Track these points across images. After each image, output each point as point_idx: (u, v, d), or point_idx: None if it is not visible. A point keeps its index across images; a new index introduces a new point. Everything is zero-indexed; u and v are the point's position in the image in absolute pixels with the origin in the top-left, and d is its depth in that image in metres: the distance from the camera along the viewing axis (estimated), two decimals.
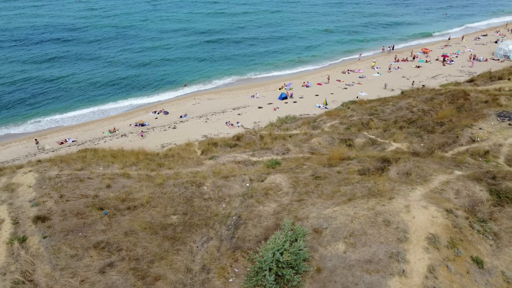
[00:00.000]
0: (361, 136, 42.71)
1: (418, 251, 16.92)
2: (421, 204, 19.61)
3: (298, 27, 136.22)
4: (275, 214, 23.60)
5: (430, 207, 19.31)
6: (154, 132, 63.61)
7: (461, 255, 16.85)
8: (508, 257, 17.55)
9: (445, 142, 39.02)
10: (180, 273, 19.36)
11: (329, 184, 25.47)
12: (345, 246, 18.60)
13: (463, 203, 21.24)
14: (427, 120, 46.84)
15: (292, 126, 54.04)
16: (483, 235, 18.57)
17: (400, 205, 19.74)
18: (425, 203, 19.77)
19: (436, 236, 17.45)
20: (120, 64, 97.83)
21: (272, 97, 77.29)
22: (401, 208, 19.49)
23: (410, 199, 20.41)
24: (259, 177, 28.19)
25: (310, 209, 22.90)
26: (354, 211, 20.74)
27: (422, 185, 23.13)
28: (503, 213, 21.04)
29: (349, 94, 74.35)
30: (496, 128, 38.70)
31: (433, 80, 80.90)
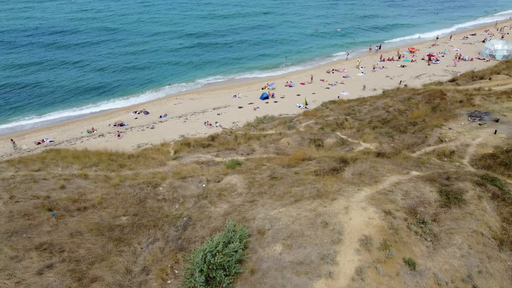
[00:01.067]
0: (332, 136, 42.72)
1: (349, 252, 16.92)
2: (361, 205, 19.63)
3: (288, 27, 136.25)
4: (225, 215, 23.57)
5: (369, 208, 19.33)
6: (131, 132, 63.50)
7: (392, 256, 16.85)
8: (442, 259, 17.58)
9: (414, 142, 39.11)
10: (119, 275, 19.28)
11: (283, 185, 25.47)
12: (282, 247, 18.59)
13: (408, 204, 21.26)
14: (401, 120, 46.95)
15: (269, 126, 54.06)
16: (421, 237, 18.59)
17: (340, 206, 19.76)
18: (366, 204, 19.79)
19: (369, 238, 17.46)
20: (106, 66, 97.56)
21: (254, 97, 77.33)
22: (341, 209, 19.51)
23: (352, 200, 20.43)
24: (216, 178, 28.20)
25: (259, 210, 22.88)
26: (297, 212, 20.74)
27: (370, 186, 23.15)
28: (448, 214, 21.08)
29: (331, 94, 74.42)
30: (466, 128, 38.80)
31: (416, 79, 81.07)
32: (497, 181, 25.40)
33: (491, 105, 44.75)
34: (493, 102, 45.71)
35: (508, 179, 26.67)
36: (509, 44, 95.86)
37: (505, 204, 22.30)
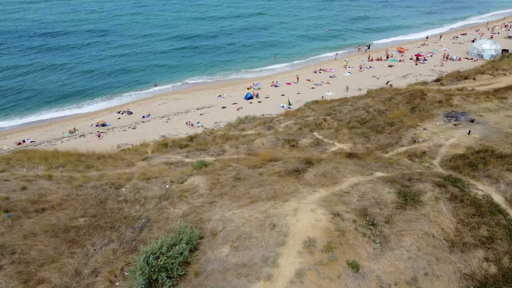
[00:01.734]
0: (308, 137, 42.68)
1: (291, 255, 16.85)
2: (311, 207, 19.56)
3: (279, 28, 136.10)
4: (183, 217, 23.49)
5: (318, 210, 19.26)
6: (112, 133, 63.34)
7: (335, 259, 16.79)
8: (388, 261, 17.52)
9: (389, 142, 39.14)
10: (67, 277, 19.16)
11: (244, 186, 25.40)
12: (230, 249, 18.51)
13: (362, 205, 21.22)
14: (379, 120, 46.94)
15: (249, 126, 53.98)
16: (369, 239, 18.54)
17: (290, 208, 19.70)
18: (316, 206, 19.73)
19: (313, 240, 17.39)
20: (93, 67, 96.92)
21: (239, 97, 77.30)
22: (290, 211, 19.46)
23: (303, 202, 20.37)
24: (181, 179, 28.11)
25: (216, 211, 22.81)
26: (250, 214, 20.67)
27: (327, 187, 23.11)
28: (402, 215, 21.04)
29: (316, 94, 74.42)
30: (441, 129, 38.81)
31: (402, 79, 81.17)
32: (459, 183, 25.41)
33: (469, 106, 44.78)
34: (471, 102, 45.74)
35: (472, 180, 26.67)
36: (497, 44, 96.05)
37: (463, 206, 22.28)
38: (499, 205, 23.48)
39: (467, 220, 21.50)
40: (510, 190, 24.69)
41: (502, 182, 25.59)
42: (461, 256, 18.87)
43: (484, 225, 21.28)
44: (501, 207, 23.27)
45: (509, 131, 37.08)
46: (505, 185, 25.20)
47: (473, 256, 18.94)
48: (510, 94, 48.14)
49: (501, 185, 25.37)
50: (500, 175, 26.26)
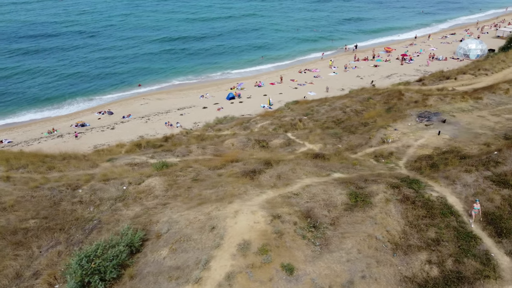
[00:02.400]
0: (281, 137, 42.59)
1: (224, 257, 16.73)
2: (252, 209, 19.45)
3: (270, 29, 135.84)
4: (134, 218, 23.36)
5: (259, 212, 19.16)
6: (91, 133, 63.10)
7: (269, 261, 16.69)
8: (325, 264, 17.43)
9: (360, 143, 39.04)
10: (7, 279, 18.96)
11: (199, 188, 25.29)
12: (168, 251, 18.41)
13: (308, 207, 21.13)
14: (354, 120, 46.92)
15: (226, 127, 53.88)
16: (309, 241, 18.45)
17: (232, 210, 19.60)
18: (258, 208, 19.62)
19: (248, 243, 17.29)
20: (80, 68, 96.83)
21: (222, 97, 77.16)
22: (232, 213, 19.35)
23: (247, 204, 20.26)
24: (139, 180, 27.94)
25: (167, 213, 22.68)
26: (195, 216, 20.56)
27: (278, 188, 23.00)
28: (348, 217, 20.99)
29: (298, 94, 74.36)
30: (412, 129, 38.80)
31: (386, 79, 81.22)
32: (415, 184, 25.37)
33: (444, 106, 44.84)
34: (447, 102, 45.79)
35: (431, 181, 26.64)
36: (483, 43, 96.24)
37: (413, 207, 22.22)
38: (452, 206, 23.44)
39: (416, 222, 21.42)
40: (465, 192, 24.64)
41: (458, 184, 25.55)
42: (403, 259, 18.78)
43: (433, 227, 21.21)
44: (454, 209, 23.23)
45: (479, 132, 37.10)
46: (462, 187, 25.16)
47: (416, 258, 18.86)
48: (486, 94, 48.18)
49: (458, 186, 25.34)
50: (458, 176, 26.22)
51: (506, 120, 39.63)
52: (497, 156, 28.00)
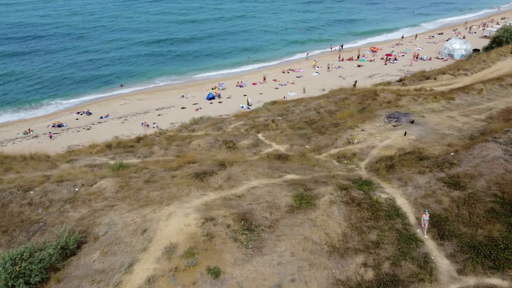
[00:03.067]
0: (250, 138, 42.44)
1: (149, 261, 16.56)
2: (187, 211, 19.30)
3: (258, 29, 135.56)
4: (78, 220, 23.17)
5: (192, 215, 18.99)
6: (66, 134, 62.79)
7: (194, 265, 16.55)
8: (254, 267, 17.30)
9: (327, 143, 38.88)
10: None
11: (148, 189, 25.07)
12: (99, 254, 18.26)
13: (248, 209, 20.95)
14: (327, 121, 46.79)
15: (200, 127, 53.74)
16: (242, 244, 18.28)
17: (167, 213, 19.42)
18: (193, 210, 19.47)
19: (175, 245, 17.13)
20: (66, 69, 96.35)
21: (203, 97, 76.97)
22: (166, 215, 19.19)
23: (184, 206, 20.10)
24: (92, 181, 27.69)
25: (110, 215, 22.51)
26: (132, 218, 20.39)
27: (222, 190, 22.87)
28: (289, 219, 20.87)
29: (278, 94, 74.22)
30: (379, 130, 38.71)
31: (369, 79, 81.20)
32: (367, 186, 25.30)
33: (415, 106, 44.79)
34: (419, 103, 45.73)
35: (384, 182, 26.61)
36: (467, 43, 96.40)
37: (359, 210, 22.12)
38: (400, 208, 23.37)
39: (358, 224, 21.31)
40: (415, 193, 24.57)
41: (410, 185, 25.49)
42: (339, 262, 18.66)
43: (376, 230, 21.11)
44: (401, 211, 23.15)
45: (446, 132, 37.06)
46: (412, 188, 25.10)
47: (352, 261, 18.75)
48: (459, 94, 48.16)
49: (409, 188, 25.28)
50: (411, 178, 26.17)
51: (474, 120, 39.59)
52: (452, 158, 27.91)
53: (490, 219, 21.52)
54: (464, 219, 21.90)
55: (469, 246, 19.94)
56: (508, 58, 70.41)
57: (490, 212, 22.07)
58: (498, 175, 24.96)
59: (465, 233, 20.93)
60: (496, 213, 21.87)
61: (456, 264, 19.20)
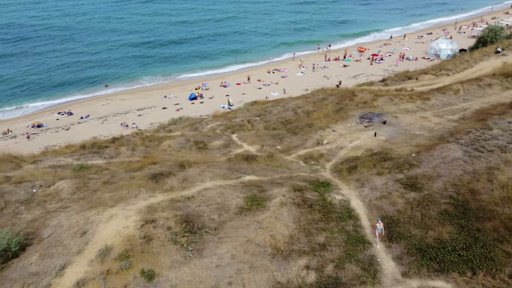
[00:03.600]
0: (224, 138, 42.36)
1: (81, 263, 16.43)
2: (128, 213, 19.17)
3: (249, 30, 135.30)
4: (30, 222, 23.01)
5: (133, 217, 18.86)
6: (44, 134, 62.53)
7: (128, 267, 16.40)
8: (190, 270, 17.21)
9: (298, 144, 38.79)
10: None
11: (104, 190, 24.87)
12: (37, 257, 18.15)
13: (194, 212, 20.82)
14: (302, 121, 46.66)
15: (177, 128, 53.53)
16: (182, 246, 18.12)
17: (109, 215, 19.27)
18: (135, 212, 19.33)
19: (110, 248, 16.99)
20: (49, 67, 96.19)
21: (185, 97, 76.76)
22: (107, 217, 19.03)
23: (128, 208, 19.96)
24: (50, 182, 27.48)
25: (61, 217, 22.32)
26: (77, 220, 20.25)
27: (173, 192, 22.76)
28: (236, 221, 20.78)
29: (261, 94, 74.15)
30: (350, 130, 38.66)
31: (353, 79, 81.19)
32: (323, 187, 25.22)
33: (390, 107, 44.76)
34: (393, 103, 45.69)
35: (344, 183, 26.55)
36: (453, 43, 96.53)
37: (309, 211, 22.03)
38: (353, 210, 23.31)
39: (307, 226, 21.22)
40: (371, 195, 24.50)
41: (367, 186, 25.43)
42: (281, 264, 18.55)
43: (325, 232, 21.02)
44: (355, 213, 23.08)
45: (416, 133, 37.03)
46: (369, 190, 25.04)
47: (295, 264, 18.61)
48: (435, 95, 48.15)
49: (365, 189, 25.22)
50: (368, 179, 26.12)
51: (447, 121, 39.57)
52: (413, 159, 27.86)
53: (442, 221, 21.42)
54: (416, 221, 21.78)
55: (416, 249, 19.84)
56: (492, 58, 70.38)
57: (443, 214, 21.97)
58: (455, 177, 24.89)
59: (414, 235, 20.80)
60: (448, 215, 21.78)
61: (401, 267, 19.09)
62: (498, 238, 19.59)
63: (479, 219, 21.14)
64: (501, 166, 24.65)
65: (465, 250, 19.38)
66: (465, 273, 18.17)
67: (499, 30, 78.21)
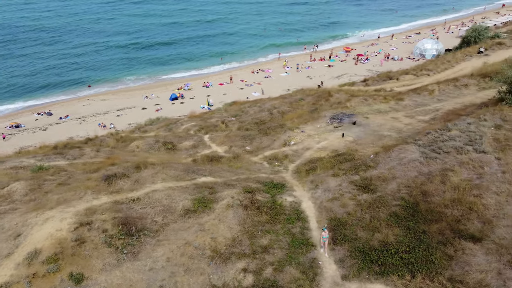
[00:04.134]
0: (194, 139, 42.29)
1: (8, 267, 16.30)
2: (64, 216, 19.03)
3: (237, 31, 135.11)
4: None
5: (68, 219, 18.73)
6: (22, 135, 62.25)
7: (55, 271, 16.24)
8: (121, 273, 17.18)
9: (267, 145, 38.70)
10: None
11: (55, 192, 24.68)
12: None
13: (141, 213, 20.68)
14: (276, 121, 46.55)
15: (153, 128, 53.36)
16: (117, 249, 17.98)
17: (46, 217, 19.10)
18: (71, 215, 19.19)
19: (39, 251, 16.84)
20: (35, 68, 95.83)
21: (167, 97, 76.57)
22: (43, 220, 18.82)
23: (66, 210, 19.82)
24: (5, 184, 27.28)
25: (6, 218, 22.09)
26: (16, 222, 20.04)
27: (119, 194, 22.66)
28: (178, 224, 20.72)
29: (242, 95, 74.02)
30: (319, 131, 38.60)
31: (336, 79, 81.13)
32: (276, 188, 25.13)
33: (362, 107, 44.74)
34: (367, 104, 45.67)
35: (300, 184, 26.49)
36: (439, 43, 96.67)
37: (256, 213, 21.96)
38: (303, 212, 23.22)
39: (252, 228, 21.12)
40: (323, 196, 24.45)
41: (320, 188, 25.36)
42: (219, 267, 18.45)
43: (270, 234, 20.91)
44: (304, 214, 23.00)
45: (384, 134, 36.99)
46: (322, 191, 24.98)
47: (233, 267, 18.48)
48: (410, 95, 48.14)
49: (318, 191, 25.15)
50: (323, 181, 26.07)
51: (417, 122, 39.55)
52: (370, 160, 27.80)
53: (390, 223, 21.36)
54: (364, 223, 21.72)
55: (360, 251, 19.78)
56: (474, 59, 70.48)
57: (392, 216, 21.92)
58: (410, 178, 24.84)
59: (360, 238, 20.74)
60: (397, 217, 21.72)
61: (342, 270, 19.03)
62: (442, 241, 19.51)
63: (426, 221, 21.08)
64: (455, 167, 24.61)
65: (407, 253, 19.29)
66: (404, 276, 18.04)
67: (483, 30, 78.30)
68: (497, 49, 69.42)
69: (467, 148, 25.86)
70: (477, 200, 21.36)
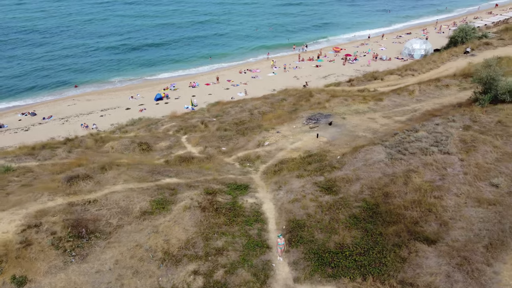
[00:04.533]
0: (171, 140, 42.21)
1: None
2: (13, 218, 18.94)
3: (229, 32, 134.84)
4: None
5: (17, 221, 18.64)
6: (3, 135, 62.01)
7: None
8: (66, 276, 17.11)
9: (242, 145, 38.61)
10: None
11: (16, 193, 24.49)
12: None
13: (96, 215, 20.56)
14: (255, 122, 46.46)
15: (133, 129, 53.19)
16: (65, 252, 17.87)
17: None
18: (20, 217, 19.16)
19: None
20: (24, 70, 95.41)
21: (152, 97, 76.31)
22: None
23: (18, 212, 19.71)
24: None
25: None
26: None
27: (76, 195, 22.52)
28: (133, 226, 20.58)
29: (228, 95, 73.86)
30: (295, 132, 38.54)
31: (323, 79, 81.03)
32: (238, 190, 25.10)
33: (341, 107, 44.65)
34: (345, 104, 45.63)
35: (265, 186, 26.41)
36: (427, 43, 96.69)
37: (214, 215, 21.93)
38: (263, 214, 23.15)
39: (208, 230, 21.05)
40: (285, 198, 24.39)
41: (283, 189, 25.30)
42: (169, 270, 18.37)
43: (226, 236, 20.84)
44: (264, 216, 22.93)
45: (359, 134, 36.96)
46: (284, 192, 24.91)
47: (184, 269, 18.40)
48: (390, 95, 48.14)
49: (281, 192, 25.08)
50: (287, 182, 26.02)
51: (394, 122, 39.53)
52: (336, 161, 27.73)
53: (349, 225, 21.32)
54: (323, 225, 21.67)
55: (314, 253, 19.73)
56: (460, 59, 70.56)
57: (351, 217, 21.88)
58: (373, 179, 24.81)
59: (316, 240, 20.67)
60: (356, 219, 21.69)
61: (295, 272, 18.97)
62: (397, 243, 19.48)
63: (385, 223, 21.04)
64: (419, 169, 24.62)
65: (361, 255, 19.27)
66: (355, 279, 17.98)
67: (470, 30, 78.32)
68: (484, 49, 69.48)
69: (432, 149, 25.85)
70: (437, 201, 21.35)
